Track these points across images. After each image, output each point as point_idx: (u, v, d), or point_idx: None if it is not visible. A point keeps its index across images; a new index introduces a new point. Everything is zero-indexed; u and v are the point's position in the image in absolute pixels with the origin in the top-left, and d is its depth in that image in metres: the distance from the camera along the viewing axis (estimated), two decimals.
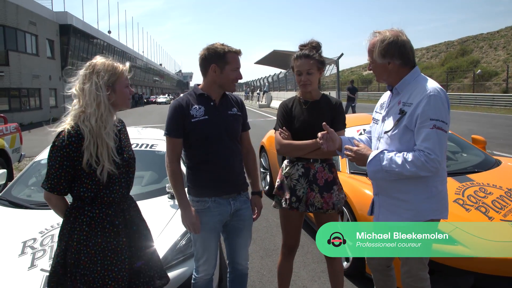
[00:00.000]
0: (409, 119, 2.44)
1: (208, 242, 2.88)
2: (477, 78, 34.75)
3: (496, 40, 41.94)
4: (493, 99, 29.09)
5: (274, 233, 5.41)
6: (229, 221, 2.93)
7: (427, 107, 2.37)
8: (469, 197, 3.79)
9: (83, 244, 2.21)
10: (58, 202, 2.32)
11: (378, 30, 2.56)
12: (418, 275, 2.61)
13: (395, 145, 2.52)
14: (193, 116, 2.74)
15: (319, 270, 4.27)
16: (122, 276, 2.27)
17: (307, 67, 2.97)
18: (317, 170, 3.04)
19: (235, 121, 2.88)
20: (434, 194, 2.53)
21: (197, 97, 2.82)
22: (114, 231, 2.28)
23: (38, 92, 31.98)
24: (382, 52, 2.49)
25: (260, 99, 41.94)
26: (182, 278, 3.18)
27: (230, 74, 2.76)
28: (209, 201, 2.82)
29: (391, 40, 2.48)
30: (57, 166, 2.19)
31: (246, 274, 3.14)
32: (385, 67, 2.54)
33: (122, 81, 2.32)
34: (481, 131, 12.87)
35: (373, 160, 2.50)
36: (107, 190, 2.28)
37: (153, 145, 4.90)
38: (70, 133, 2.17)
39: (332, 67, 25.38)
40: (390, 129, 2.55)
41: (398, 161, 2.42)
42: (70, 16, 37.18)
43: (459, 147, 5.24)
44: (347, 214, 4.04)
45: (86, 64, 2.29)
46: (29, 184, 4.46)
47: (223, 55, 2.74)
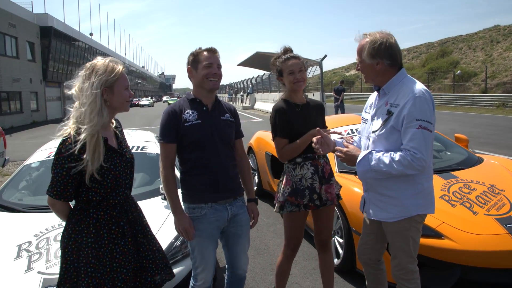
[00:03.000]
0: (395, 120, 2.55)
1: (206, 251, 2.86)
2: (457, 79, 35.37)
3: (475, 42, 42.78)
4: (473, 99, 29.61)
5: (264, 233, 5.48)
6: (226, 227, 2.92)
7: (413, 108, 2.48)
8: (454, 193, 3.92)
9: (91, 247, 2.21)
10: (62, 207, 2.30)
11: (368, 32, 2.67)
12: (408, 268, 2.72)
13: (382, 144, 2.63)
14: (186, 120, 2.77)
15: (310, 268, 4.36)
16: (130, 276, 2.30)
17: (298, 66, 3.08)
18: (323, 165, 3.15)
19: (227, 126, 2.91)
20: (420, 190, 2.65)
21: (190, 102, 2.86)
22: (120, 232, 2.30)
23: (19, 96, 31.50)
24: (372, 53, 2.61)
25: (244, 101, 41.94)
26: (178, 278, 3.23)
27: (201, 71, 2.80)
28: (205, 207, 2.80)
29: (380, 41, 2.59)
30: (64, 173, 2.16)
31: (244, 277, 3.13)
32: (374, 67, 2.65)
33: (121, 83, 2.29)
34: (463, 130, 13.15)
35: (362, 160, 2.61)
36: (113, 193, 2.28)
37: (144, 147, 4.93)
38: (76, 139, 2.15)
39: (315, 68, 25.50)
40: (377, 129, 2.66)
41: (385, 160, 2.53)
42: (51, 18, 36.66)
43: (443, 145, 5.39)
44: (337, 211, 4.14)
45: (86, 65, 2.28)
46: (20, 188, 4.44)
47: (196, 56, 2.84)
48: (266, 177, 6.53)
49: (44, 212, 3.76)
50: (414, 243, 2.71)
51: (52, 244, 3.27)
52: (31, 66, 33.86)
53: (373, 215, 2.78)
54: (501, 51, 37.74)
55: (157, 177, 4.62)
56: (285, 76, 3.12)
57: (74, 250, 2.23)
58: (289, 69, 3.09)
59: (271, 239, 5.22)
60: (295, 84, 3.10)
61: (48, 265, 3.06)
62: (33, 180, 4.55)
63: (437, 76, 39.21)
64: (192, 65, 2.85)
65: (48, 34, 35.81)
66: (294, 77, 3.08)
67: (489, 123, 18.30)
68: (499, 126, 16.82)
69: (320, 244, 3.34)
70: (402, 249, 2.70)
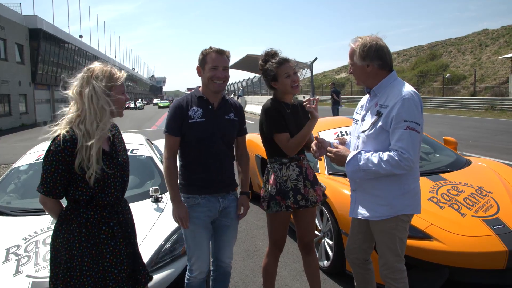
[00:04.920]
0: (384, 120, 2.61)
1: (199, 238, 2.94)
2: (446, 82, 35.73)
3: (464, 45, 43.27)
4: (461, 102, 29.90)
5: (254, 235, 5.49)
6: (216, 218, 3.02)
7: (401, 109, 2.54)
8: (442, 195, 3.96)
9: (84, 246, 2.23)
10: (53, 206, 2.33)
11: (360, 36, 2.74)
12: (395, 267, 2.75)
13: (371, 144, 2.69)
14: (191, 117, 2.87)
15: (300, 270, 4.36)
16: (122, 277, 2.31)
17: (293, 68, 3.11)
18: (306, 167, 3.19)
19: (230, 125, 2.99)
20: (407, 190, 2.70)
21: (197, 99, 2.94)
22: (110, 233, 2.31)
23: (7, 98, 31.22)
24: (362, 55, 2.67)
25: None
26: (169, 280, 3.23)
27: (207, 73, 2.87)
28: (199, 197, 2.93)
29: (370, 44, 2.67)
30: (53, 170, 2.19)
31: (229, 272, 3.19)
32: (365, 69, 2.72)
33: (118, 88, 2.33)
34: (451, 133, 13.27)
35: (351, 160, 2.67)
36: (102, 194, 2.30)
37: (134, 149, 4.93)
38: (65, 138, 2.18)
39: (306, 71, 25.61)
40: (367, 129, 2.72)
41: (374, 160, 2.58)
42: (40, 20, 36.38)
43: (432, 148, 5.44)
44: (326, 214, 4.16)
45: (84, 69, 2.30)
46: (8, 191, 4.40)
47: (204, 56, 2.90)
48: (256, 179, 6.54)
49: (32, 215, 3.74)
50: (401, 243, 2.75)
51: (41, 247, 3.25)
52: (20, 69, 33.57)
53: (360, 214, 2.82)
54: (489, 54, 38.21)
55: (147, 179, 4.62)
56: (280, 80, 3.08)
57: (66, 250, 2.23)
58: (285, 72, 3.07)
59: (261, 241, 5.23)
60: (293, 88, 3.09)
61: (36, 269, 3.04)
62: (21, 183, 4.52)
63: (426, 79, 39.58)
64: (201, 65, 2.93)
65: (37, 36, 35.52)
66: (291, 80, 3.08)
67: (477, 126, 18.49)
68: (488, 129, 16.99)
69: (304, 246, 3.35)
70: (389, 248, 2.74)
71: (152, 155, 5.02)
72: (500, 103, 26.62)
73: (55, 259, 2.28)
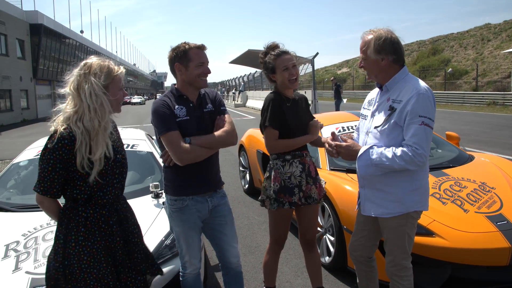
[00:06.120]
0: (398, 116, 2.57)
1: (190, 239, 2.91)
2: (448, 77, 35.59)
3: (466, 40, 43.08)
4: (463, 97, 29.80)
5: (255, 231, 5.47)
6: (208, 219, 2.94)
7: (416, 104, 2.51)
8: (445, 191, 3.92)
9: (82, 245, 2.20)
10: (51, 205, 2.29)
11: (373, 29, 2.68)
12: (402, 264, 2.73)
13: (383, 140, 2.64)
14: (177, 115, 2.77)
15: (301, 266, 4.34)
16: (114, 274, 2.29)
17: (291, 61, 3.05)
18: (309, 163, 3.14)
19: (210, 118, 2.89)
20: (418, 187, 2.67)
21: (177, 98, 2.84)
22: (109, 231, 2.28)
23: (9, 94, 31.18)
24: (377, 48, 2.61)
25: (235, 99, 41.89)
26: (170, 276, 3.20)
27: (194, 70, 2.77)
28: (187, 199, 2.84)
29: (385, 37, 2.61)
30: (50, 168, 2.15)
31: (239, 272, 3.11)
32: (378, 63, 2.66)
33: (116, 84, 2.28)
34: (453, 128, 13.24)
35: (363, 154, 2.62)
36: (100, 192, 2.26)
37: (134, 145, 4.90)
38: (62, 135, 2.13)
39: (307, 66, 25.49)
40: (380, 125, 2.67)
41: (388, 155, 2.54)
42: (41, 15, 36.28)
43: (434, 143, 5.39)
44: (328, 209, 4.13)
45: (81, 64, 2.24)
46: (8, 187, 4.38)
47: (185, 53, 2.78)
48: (257, 175, 6.51)
49: (32, 211, 3.71)
50: (409, 239, 2.73)
51: (40, 244, 3.23)
52: (21, 64, 33.50)
53: (369, 211, 2.78)
54: (491, 49, 38.04)
55: (147, 175, 4.59)
56: (278, 73, 3.05)
57: (62, 249, 2.21)
58: (283, 64, 3.03)
59: (262, 237, 5.20)
60: (290, 81, 3.05)
61: (36, 265, 3.02)
62: (21, 179, 4.49)
63: (428, 74, 39.44)
64: (182, 63, 2.78)
65: (38, 31, 35.43)
66: (289, 73, 3.03)
67: (479, 121, 18.43)
68: (490, 124, 16.93)
69: (306, 243, 3.33)
70: (397, 245, 2.71)
71: (152, 150, 4.99)
72: (502, 98, 26.53)
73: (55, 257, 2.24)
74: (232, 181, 8.00)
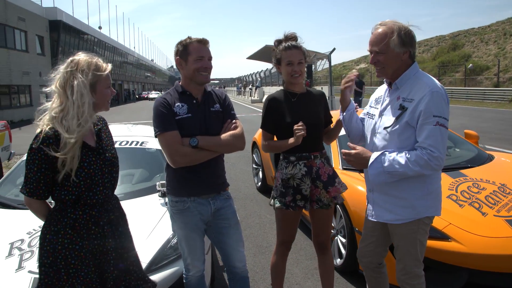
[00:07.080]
0: (410, 115, 2.41)
1: (192, 241, 2.83)
2: (468, 73, 34.91)
3: (487, 35, 42.11)
4: (484, 93, 29.24)
5: (267, 230, 5.38)
6: (212, 221, 2.84)
7: (430, 103, 2.35)
8: (462, 193, 3.77)
9: (69, 248, 2.13)
10: (39, 207, 2.23)
11: (384, 21, 2.50)
12: (413, 272, 2.59)
13: (394, 141, 2.48)
14: (177, 113, 2.68)
15: (312, 267, 4.23)
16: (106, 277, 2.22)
17: (298, 57, 2.94)
18: (319, 166, 3.00)
19: (216, 118, 2.78)
20: (430, 191, 2.52)
21: (180, 94, 2.75)
22: (100, 232, 2.21)
23: (29, 89, 31.69)
24: (404, 40, 2.43)
25: (252, 94, 41.83)
26: (175, 277, 3.13)
27: (193, 64, 2.68)
28: (188, 201, 2.75)
29: (408, 28, 2.44)
30: (36, 169, 2.09)
31: (246, 277, 3.01)
32: (399, 58, 2.48)
33: (104, 81, 2.22)
34: (473, 126, 12.93)
35: (375, 162, 2.47)
36: (89, 192, 2.19)
37: (143, 142, 4.83)
38: (47, 135, 2.08)
39: (324, 61, 25.29)
40: (390, 125, 2.51)
41: (401, 161, 2.38)
42: (60, 11, 36.84)
43: (452, 142, 5.22)
44: (340, 211, 4.01)
45: (68, 61, 2.19)
46: (17, 184, 4.36)
47: (185, 47, 2.70)
48: (270, 172, 6.44)
49: None
50: (421, 246, 2.58)
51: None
52: (41, 60, 33.98)
53: (378, 216, 2.64)
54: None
55: (156, 173, 4.53)
56: (283, 65, 2.99)
57: (49, 252, 2.14)
58: (288, 59, 2.94)
59: (273, 237, 5.10)
60: (292, 77, 2.96)
61: None
62: None
63: (448, 69, 38.75)
64: (182, 56, 2.71)
65: (57, 27, 35.99)
66: (291, 69, 2.94)
67: (500, 118, 18.00)
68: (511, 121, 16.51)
69: (318, 246, 3.22)
70: (409, 252, 2.57)
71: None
72: None
73: (41, 260, 2.18)
74: (245, 179, 7.93)
